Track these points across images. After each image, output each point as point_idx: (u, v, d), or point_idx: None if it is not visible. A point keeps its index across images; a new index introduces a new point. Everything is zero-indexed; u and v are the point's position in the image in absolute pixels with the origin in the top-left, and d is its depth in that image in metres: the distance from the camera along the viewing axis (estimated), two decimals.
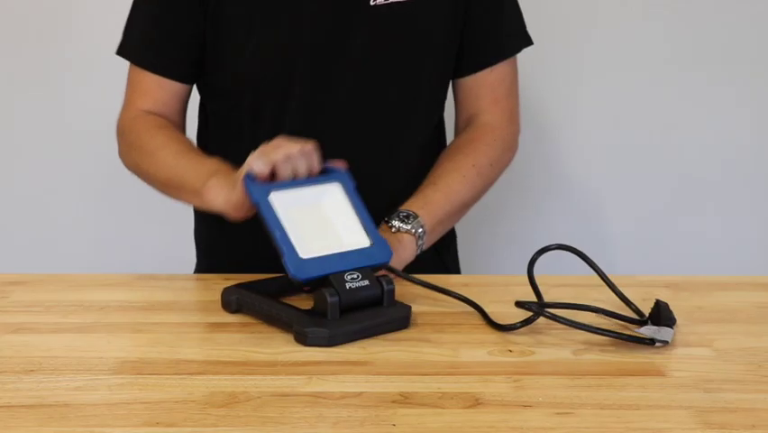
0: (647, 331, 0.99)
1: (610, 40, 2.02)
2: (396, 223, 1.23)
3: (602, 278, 1.10)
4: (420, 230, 1.23)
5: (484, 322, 1.05)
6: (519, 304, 1.03)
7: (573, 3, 2.01)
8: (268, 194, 1.05)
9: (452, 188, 1.31)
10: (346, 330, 1.00)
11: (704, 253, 2.05)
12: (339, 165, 1.13)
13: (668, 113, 2.05)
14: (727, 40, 2.02)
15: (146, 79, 1.35)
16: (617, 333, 0.98)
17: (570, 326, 0.98)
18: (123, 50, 1.37)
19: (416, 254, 1.25)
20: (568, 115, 2.06)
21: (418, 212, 1.25)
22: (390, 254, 1.08)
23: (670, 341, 0.98)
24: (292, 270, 1.01)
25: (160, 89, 1.35)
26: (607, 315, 1.04)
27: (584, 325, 0.98)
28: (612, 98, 2.04)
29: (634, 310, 1.08)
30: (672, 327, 1.01)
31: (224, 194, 1.14)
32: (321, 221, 1.07)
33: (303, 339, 0.99)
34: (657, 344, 0.97)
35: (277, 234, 1.02)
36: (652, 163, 2.07)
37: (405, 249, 1.21)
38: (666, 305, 1.06)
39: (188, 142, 1.35)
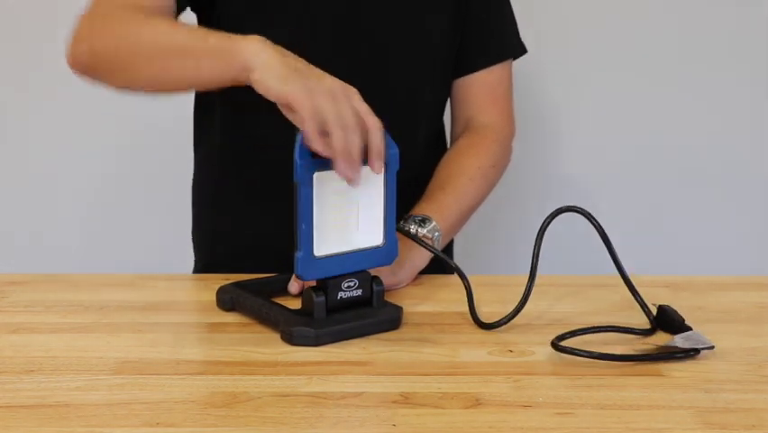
0: (681, 342, 0.96)
1: (608, 41, 2.03)
2: (412, 227, 1.21)
3: (610, 253, 1.06)
4: (436, 234, 1.23)
5: (485, 322, 1.05)
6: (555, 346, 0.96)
7: (571, 3, 2.01)
8: (313, 172, 0.97)
9: (461, 191, 1.31)
10: (333, 330, 0.99)
11: (704, 253, 2.05)
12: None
13: (667, 113, 2.05)
14: (726, 40, 2.02)
15: None
16: (655, 355, 0.95)
17: (606, 359, 0.94)
18: None
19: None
20: (567, 115, 2.07)
21: (432, 216, 1.24)
22: (394, 257, 1.06)
23: (714, 345, 0.96)
24: (300, 270, 0.99)
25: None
26: (620, 331, 1.02)
27: (625, 355, 0.95)
28: (611, 99, 2.05)
29: (639, 303, 1.06)
30: (693, 329, 1.00)
31: (273, 53, 1.01)
32: (348, 210, 1.03)
33: (289, 338, 0.99)
34: (702, 351, 0.95)
35: (302, 227, 0.98)
36: (651, 164, 2.07)
37: (422, 252, 1.21)
38: (671, 307, 1.05)
39: None
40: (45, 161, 2.08)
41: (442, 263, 1.40)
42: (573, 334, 0.99)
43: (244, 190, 1.37)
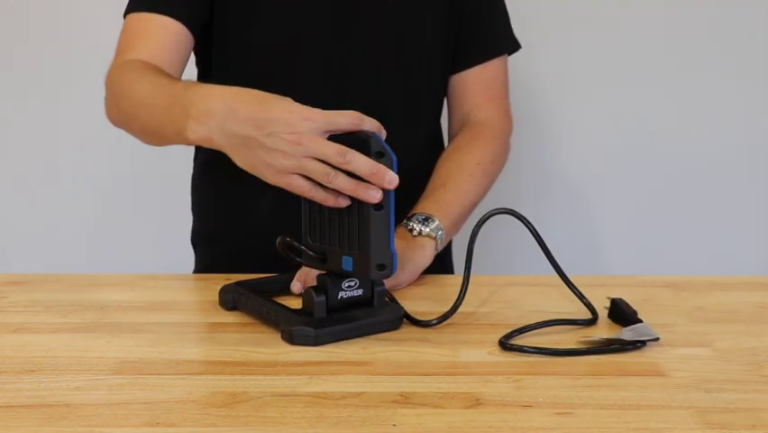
0: (630, 334, 0.98)
1: (607, 40, 2.03)
2: (416, 226, 1.22)
3: (543, 249, 1.08)
4: (440, 232, 1.23)
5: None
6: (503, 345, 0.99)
7: (570, 3, 2.01)
8: None
9: (462, 188, 1.31)
10: (333, 330, 0.99)
11: (704, 253, 2.05)
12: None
13: (666, 112, 2.05)
14: (725, 41, 2.02)
15: (150, 24, 1.27)
16: (603, 348, 0.96)
17: (551, 355, 0.96)
18: (132, 6, 1.30)
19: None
20: (565, 115, 2.07)
21: (435, 214, 1.24)
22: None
23: (660, 337, 0.97)
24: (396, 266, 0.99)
25: (163, 33, 1.26)
26: (568, 324, 1.04)
27: (574, 350, 0.96)
28: (610, 99, 2.05)
29: (577, 295, 1.08)
30: (643, 321, 1.01)
31: (213, 129, 1.03)
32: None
33: (289, 338, 0.99)
34: (648, 343, 0.96)
35: (391, 231, 0.97)
36: (651, 164, 2.07)
37: (425, 253, 1.21)
38: (623, 300, 1.06)
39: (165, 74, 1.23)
40: (46, 162, 2.08)
41: (443, 263, 1.41)
42: (521, 331, 1.01)
43: (244, 191, 1.37)
